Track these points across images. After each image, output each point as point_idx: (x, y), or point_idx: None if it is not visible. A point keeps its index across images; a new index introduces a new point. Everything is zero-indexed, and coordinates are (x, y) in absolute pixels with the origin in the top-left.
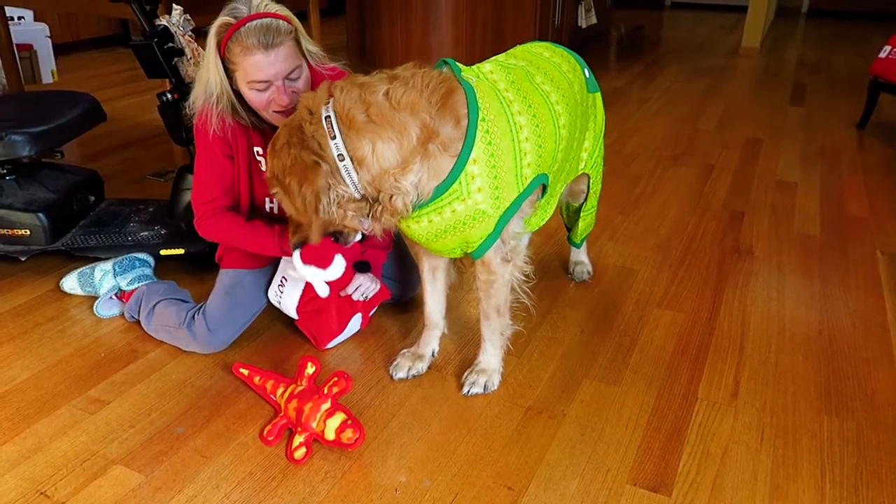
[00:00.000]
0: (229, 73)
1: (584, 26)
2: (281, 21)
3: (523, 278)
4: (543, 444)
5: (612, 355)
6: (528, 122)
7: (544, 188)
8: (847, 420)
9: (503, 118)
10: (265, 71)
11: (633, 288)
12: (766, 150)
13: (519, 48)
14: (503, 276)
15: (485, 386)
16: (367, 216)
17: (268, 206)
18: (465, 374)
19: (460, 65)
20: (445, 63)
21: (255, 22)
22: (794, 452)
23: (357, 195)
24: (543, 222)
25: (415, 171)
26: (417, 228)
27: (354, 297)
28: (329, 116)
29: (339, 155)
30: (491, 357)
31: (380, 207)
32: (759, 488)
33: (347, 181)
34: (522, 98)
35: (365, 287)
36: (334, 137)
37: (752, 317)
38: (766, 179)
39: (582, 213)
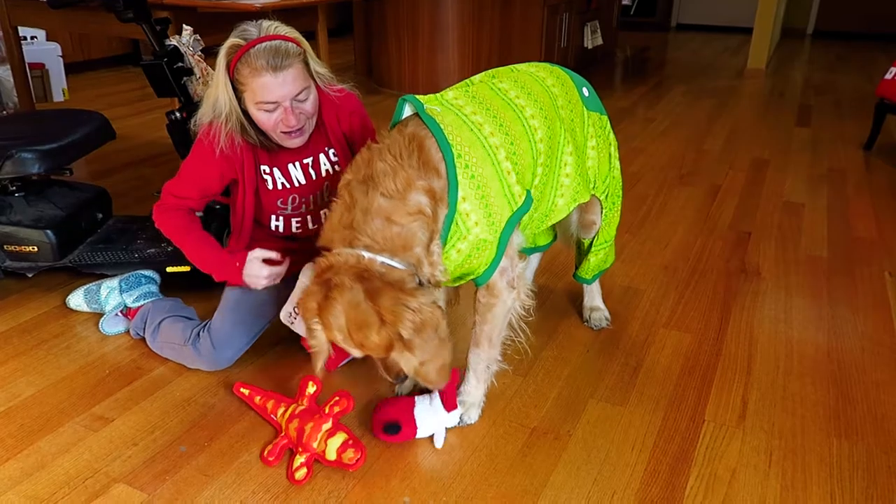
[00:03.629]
0: (238, 93)
1: (590, 47)
2: (290, 43)
3: (523, 313)
4: (549, 465)
5: (618, 376)
6: (503, 141)
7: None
8: (857, 444)
9: (477, 145)
10: (274, 92)
11: (640, 308)
12: (772, 171)
13: (501, 68)
14: (505, 302)
15: (460, 419)
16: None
17: (273, 223)
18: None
19: (421, 97)
20: (405, 101)
21: (264, 44)
22: (804, 476)
23: (425, 280)
24: (533, 236)
25: (436, 242)
26: None
27: None
28: (364, 255)
29: (407, 279)
30: (472, 389)
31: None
32: None
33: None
34: (493, 118)
35: None
36: (393, 269)
37: (759, 338)
38: (773, 200)
39: (594, 248)
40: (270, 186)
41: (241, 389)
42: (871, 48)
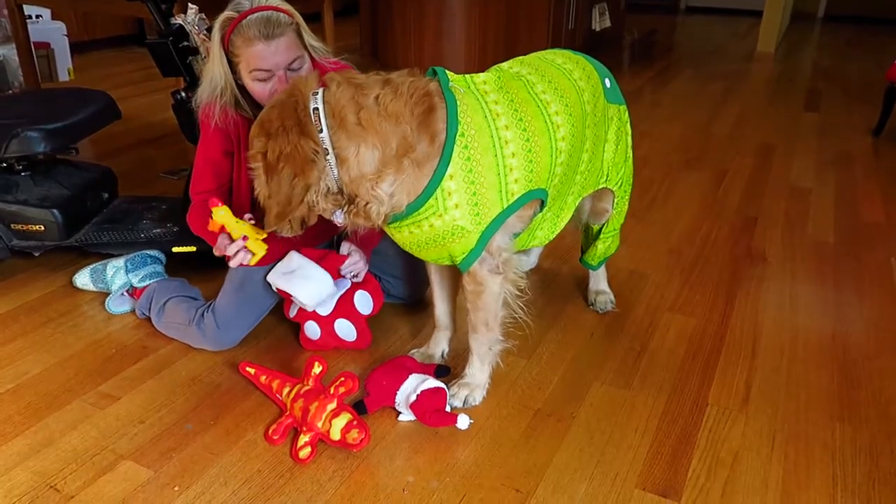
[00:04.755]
0: (233, 66)
1: (597, 30)
2: (281, 14)
3: (516, 293)
4: (552, 447)
5: (622, 359)
6: (517, 136)
7: (542, 203)
8: (860, 428)
9: (486, 133)
10: (267, 60)
11: (645, 292)
12: (779, 156)
13: (532, 55)
14: (491, 287)
15: (465, 400)
16: (342, 209)
17: None
18: (450, 385)
19: (450, 74)
20: (435, 72)
21: (256, 14)
22: (806, 460)
23: (335, 189)
24: (553, 236)
25: (388, 182)
26: (400, 237)
27: (348, 275)
28: (317, 108)
29: (325, 149)
30: (476, 371)
31: (354, 209)
32: (770, 495)
33: (331, 176)
34: (513, 111)
35: (355, 265)
36: (321, 131)
37: (764, 323)
38: (780, 185)
39: (602, 235)
40: None
41: (247, 368)
42: (881, 33)
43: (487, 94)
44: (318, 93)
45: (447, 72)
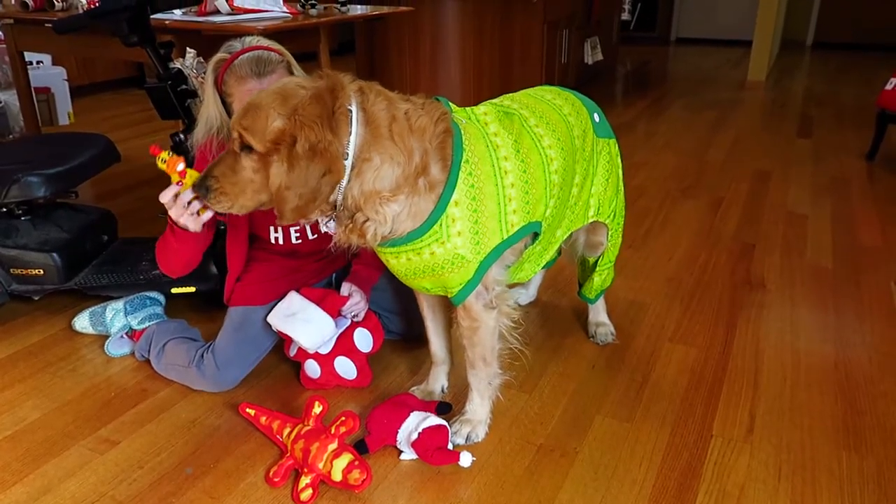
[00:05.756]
0: (227, 106)
1: (590, 63)
2: (272, 52)
3: (511, 325)
4: (556, 482)
5: (624, 391)
6: (515, 167)
7: (535, 236)
8: (866, 456)
9: (487, 162)
10: None
11: (645, 322)
12: (775, 182)
13: (521, 92)
14: (487, 323)
15: (468, 437)
16: (334, 219)
17: (272, 236)
18: (451, 422)
19: (452, 105)
20: (438, 100)
21: (247, 54)
22: (813, 490)
23: (337, 198)
24: (538, 269)
25: (400, 202)
26: (395, 263)
27: (349, 316)
28: (352, 111)
29: (345, 153)
30: (477, 407)
31: (351, 225)
32: None
33: (341, 183)
34: (512, 142)
35: (356, 306)
36: (349, 136)
37: (765, 350)
38: (777, 211)
39: (598, 268)
40: None
41: (247, 410)
42: (870, 59)
43: (488, 125)
44: (354, 94)
45: (449, 102)
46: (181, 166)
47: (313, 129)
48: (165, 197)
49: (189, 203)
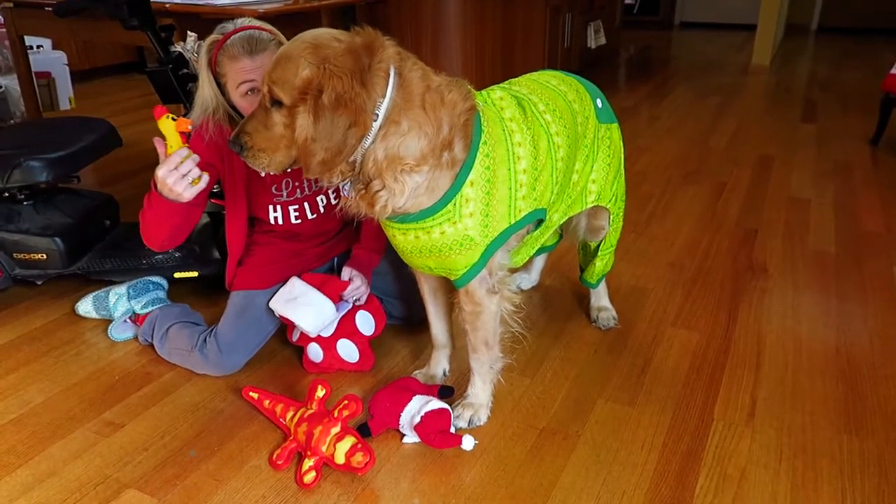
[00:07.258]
0: (222, 87)
1: (593, 47)
2: (264, 32)
3: (513, 309)
4: (558, 466)
5: (626, 375)
6: (528, 153)
7: (539, 222)
8: (867, 440)
9: (503, 146)
10: (251, 74)
11: (647, 307)
12: (778, 167)
13: (524, 76)
14: (489, 308)
15: (469, 420)
16: (351, 183)
17: (271, 215)
18: (453, 406)
19: (470, 87)
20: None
21: (239, 34)
22: (814, 473)
23: (357, 158)
24: (532, 254)
25: (423, 174)
26: (402, 240)
27: (350, 300)
28: (391, 74)
29: (375, 114)
30: (479, 391)
31: (363, 191)
32: None
33: (364, 143)
34: (526, 128)
35: (357, 290)
36: (383, 97)
37: (767, 335)
38: (779, 196)
39: (600, 252)
40: (263, 175)
41: (250, 393)
42: (875, 43)
43: (504, 109)
44: (394, 57)
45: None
46: (191, 126)
47: (342, 80)
48: (174, 160)
49: (185, 174)
